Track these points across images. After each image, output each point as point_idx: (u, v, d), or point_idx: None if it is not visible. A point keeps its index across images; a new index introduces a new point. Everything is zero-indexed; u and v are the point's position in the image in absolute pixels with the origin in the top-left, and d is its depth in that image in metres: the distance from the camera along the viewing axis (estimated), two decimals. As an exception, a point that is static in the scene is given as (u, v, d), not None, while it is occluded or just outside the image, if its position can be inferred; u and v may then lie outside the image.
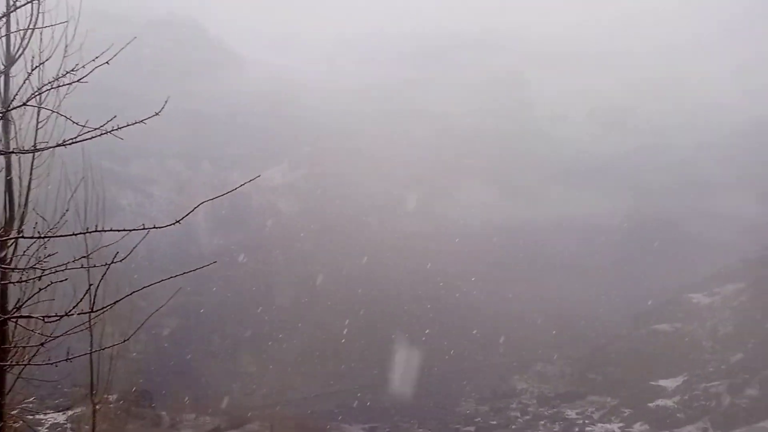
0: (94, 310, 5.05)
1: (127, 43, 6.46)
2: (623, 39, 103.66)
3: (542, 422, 41.72)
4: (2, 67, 7.68)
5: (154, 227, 5.11)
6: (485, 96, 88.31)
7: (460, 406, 44.63)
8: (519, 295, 59.11)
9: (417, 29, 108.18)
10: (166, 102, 5.77)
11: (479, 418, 42.96)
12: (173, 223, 5.29)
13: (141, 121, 5.46)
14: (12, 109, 7.18)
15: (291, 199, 63.91)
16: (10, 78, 7.86)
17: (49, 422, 37.85)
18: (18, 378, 6.93)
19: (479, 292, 59.52)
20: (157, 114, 5.44)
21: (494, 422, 42.31)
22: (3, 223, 7.54)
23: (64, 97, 7.82)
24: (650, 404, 41.39)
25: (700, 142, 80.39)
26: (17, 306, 6.36)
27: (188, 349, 49.02)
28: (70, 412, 38.20)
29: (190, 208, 5.63)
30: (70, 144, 5.55)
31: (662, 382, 43.72)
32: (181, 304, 49.68)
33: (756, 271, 50.39)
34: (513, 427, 41.59)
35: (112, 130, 5.42)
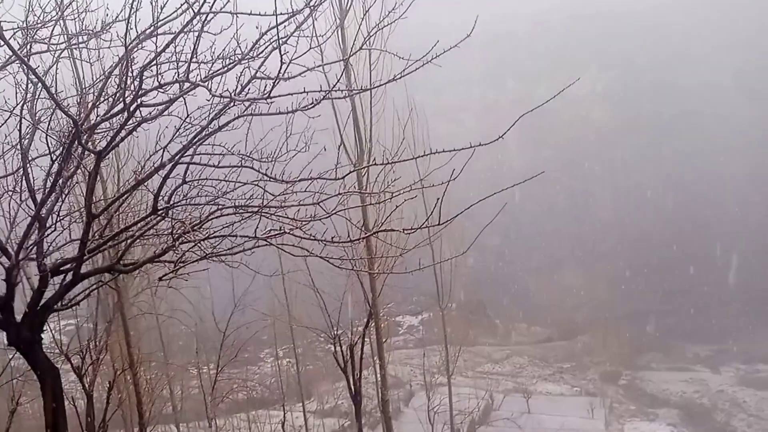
0: (429, 226, 5.76)
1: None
2: None
3: None
4: (338, 22, 8.87)
5: (474, 146, 5.49)
6: None
7: None
8: None
9: None
10: (474, 26, 5.88)
11: None
12: (495, 140, 5.73)
13: (454, 47, 5.77)
14: (350, 56, 8.31)
15: (602, 108, 60.22)
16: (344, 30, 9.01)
17: (406, 324, 45.12)
18: (383, 285, 8.35)
19: None
20: (468, 36, 5.71)
21: None
22: (356, 156, 9.01)
23: (387, 39, 8.72)
24: None
25: None
26: (379, 224, 7.55)
27: (512, 264, 51.35)
28: (420, 317, 45.10)
29: (498, 128, 5.95)
30: (398, 78, 6.19)
31: None
32: (501, 222, 51.95)
33: None
34: None
35: (431, 60, 5.89)
